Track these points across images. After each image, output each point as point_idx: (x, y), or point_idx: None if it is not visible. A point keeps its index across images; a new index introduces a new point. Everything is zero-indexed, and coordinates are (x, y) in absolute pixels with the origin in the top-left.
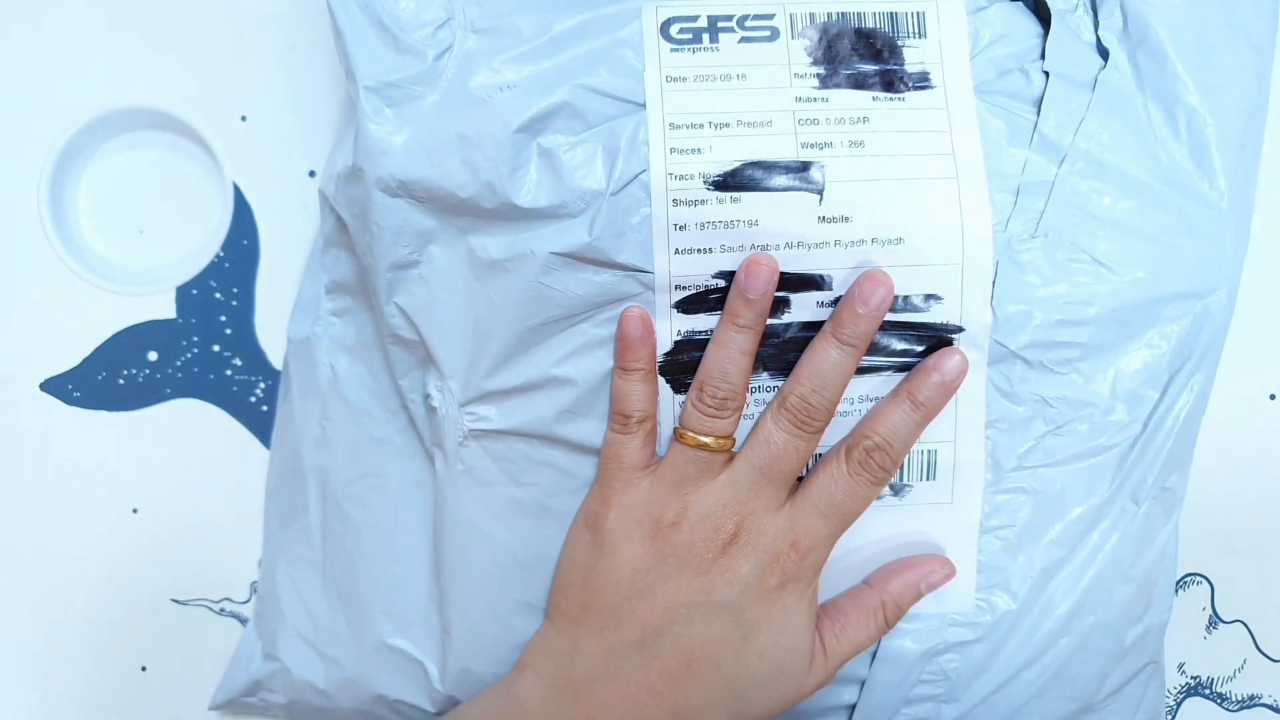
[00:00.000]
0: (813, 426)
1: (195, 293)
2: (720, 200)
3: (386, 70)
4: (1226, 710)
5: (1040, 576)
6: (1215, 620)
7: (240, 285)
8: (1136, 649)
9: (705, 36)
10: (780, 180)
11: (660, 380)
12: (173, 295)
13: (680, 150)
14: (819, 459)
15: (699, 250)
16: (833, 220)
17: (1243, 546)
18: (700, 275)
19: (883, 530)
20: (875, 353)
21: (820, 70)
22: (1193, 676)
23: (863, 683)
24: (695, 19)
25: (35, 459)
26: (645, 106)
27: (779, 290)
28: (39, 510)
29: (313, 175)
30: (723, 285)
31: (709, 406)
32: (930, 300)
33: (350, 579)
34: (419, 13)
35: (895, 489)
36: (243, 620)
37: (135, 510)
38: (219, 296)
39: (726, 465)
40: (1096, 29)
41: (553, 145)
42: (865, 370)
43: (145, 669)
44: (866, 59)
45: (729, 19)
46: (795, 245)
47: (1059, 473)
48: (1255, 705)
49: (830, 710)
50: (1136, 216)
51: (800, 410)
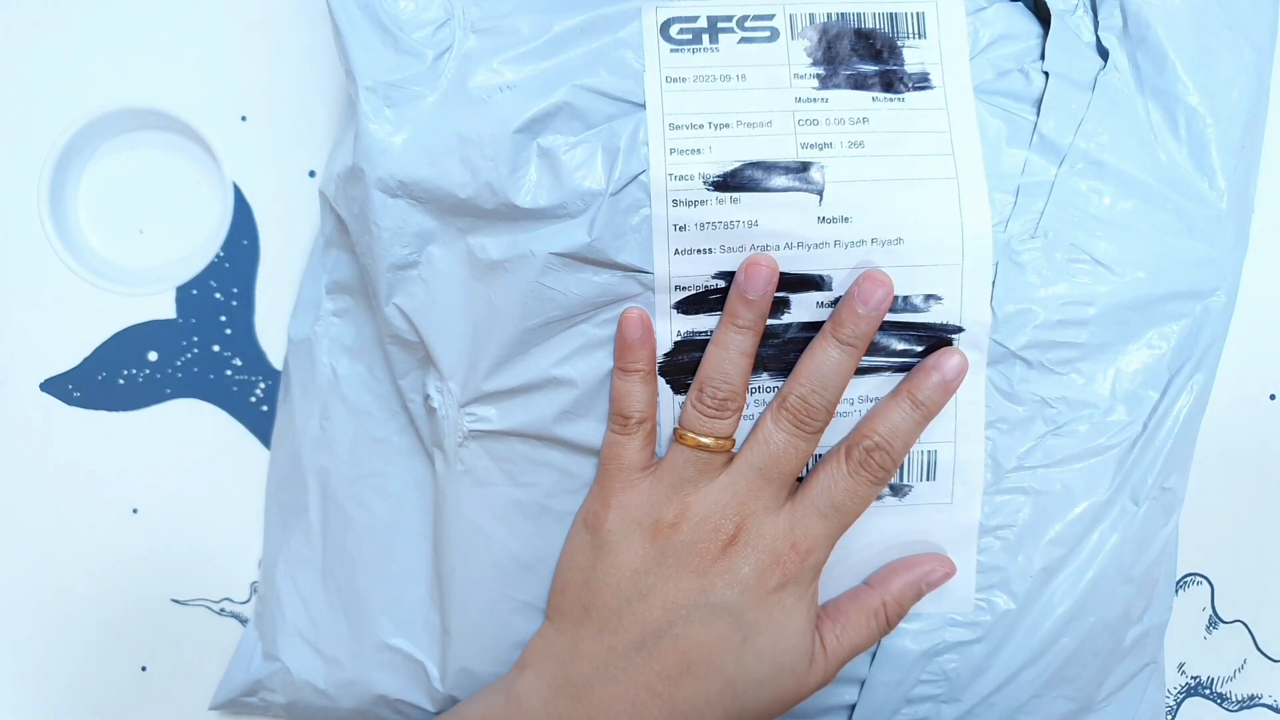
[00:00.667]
0: (812, 427)
1: (195, 293)
2: (720, 201)
3: (386, 70)
4: (1226, 710)
5: (1040, 576)
6: (1215, 620)
7: (240, 285)
8: (1136, 649)
9: (705, 37)
10: (780, 181)
11: (660, 381)
12: (173, 295)
13: (680, 151)
14: (819, 459)
15: (699, 251)
16: (832, 220)
17: (1243, 546)
18: (700, 276)
19: (883, 531)
20: (875, 353)
21: (820, 71)
22: (1193, 676)
23: (863, 683)
24: (695, 19)
25: (35, 459)
26: (645, 107)
27: (779, 291)
28: (39, 510)
29: (313, 175)
30: (722, 286)
31: (708, 407)
32: (930, 300)
33: (350, 579)
34: (419, 13)
35: (895, 489)
36: (243, 620)
37: (135, 510)
38: (219, 296)
39: (726, 466)
40: (1096, 29)
41: (552, 145)
42: (865, 370)
43: (145, 669)
44: (866, 59)
45: (729, 19)
46: (795, 245)
47: (1059, 473)
48: (1255, 705)
49: (830, 710)
50: (1136, 217)
51: (800, 410)
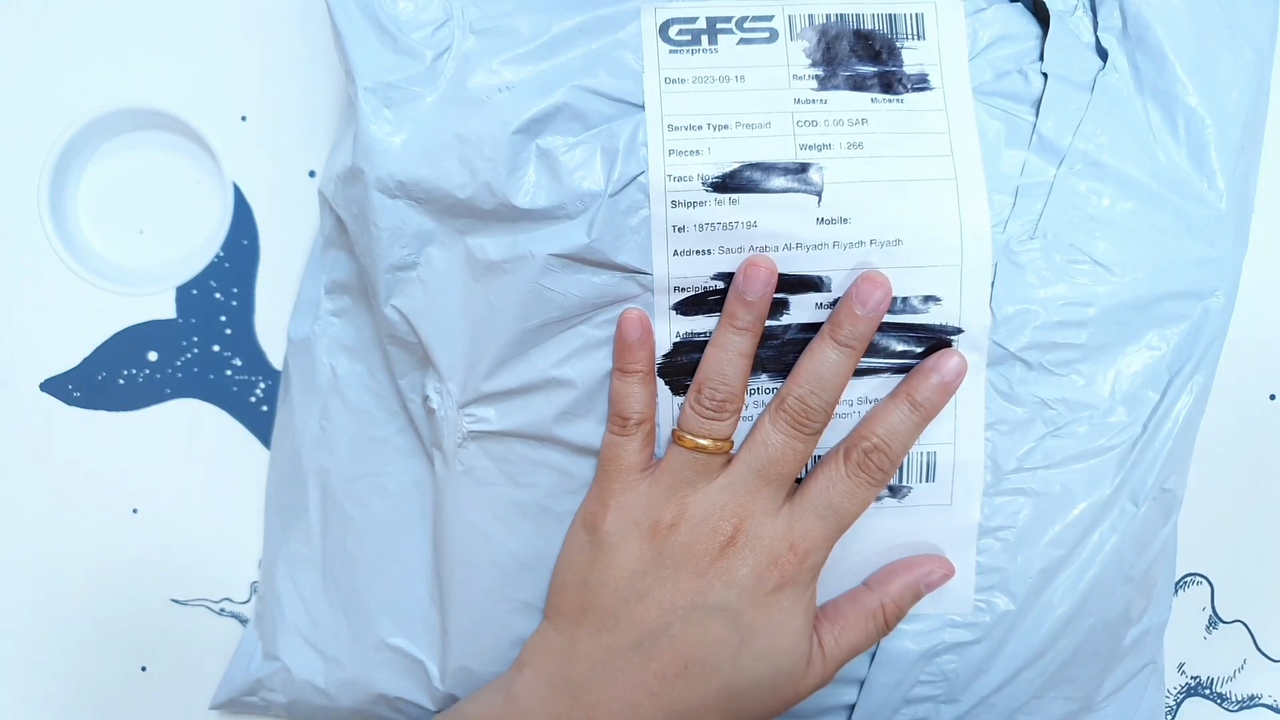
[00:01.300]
0: (811, 428)
1: (195, 293)
2: (719, 202)
3: (385, 71)
4: (1226, 710)
5: (1039, 577)
6: (1215, 620)
7: (240, 285)
8: (1136, 649)
9: (704, 38)
10: (779, 182)
11: (659, 382)
12: (173, 295)
13: (679, 152)
14: (817, 461)
15: (698, 252)
16: (831, 222)
17: (1243, 546)
18: (699, 277)
19: (882, 532)
20: (874, 354)
21: (819, 72)
22: (1193, 676)
23: (862, 683)
24: (694, 20)
25: (35, 459)
26: (644, 108)
27: (777, 292)
28: (39, 510)
29: (313, 175)
30: (721, 287)
31: (707, 409)
32: (929, 301)
33: (350, 579)
34: (418, 13)
35: (894, 491)
36: (243, 620)
37: (135, 510)
38: (219, 296)
39: (724, 467)
40: (1096, 30)
41: (551, 146)
42: (864, 372)
43: (145, 669)
44: (865, 60)
45: (728, 20)
46: (794, 247)
47: (1059, 474)
48: (1255, 705)
49: (829, 710)
50: (1135, 217)
51: (798, 412)
